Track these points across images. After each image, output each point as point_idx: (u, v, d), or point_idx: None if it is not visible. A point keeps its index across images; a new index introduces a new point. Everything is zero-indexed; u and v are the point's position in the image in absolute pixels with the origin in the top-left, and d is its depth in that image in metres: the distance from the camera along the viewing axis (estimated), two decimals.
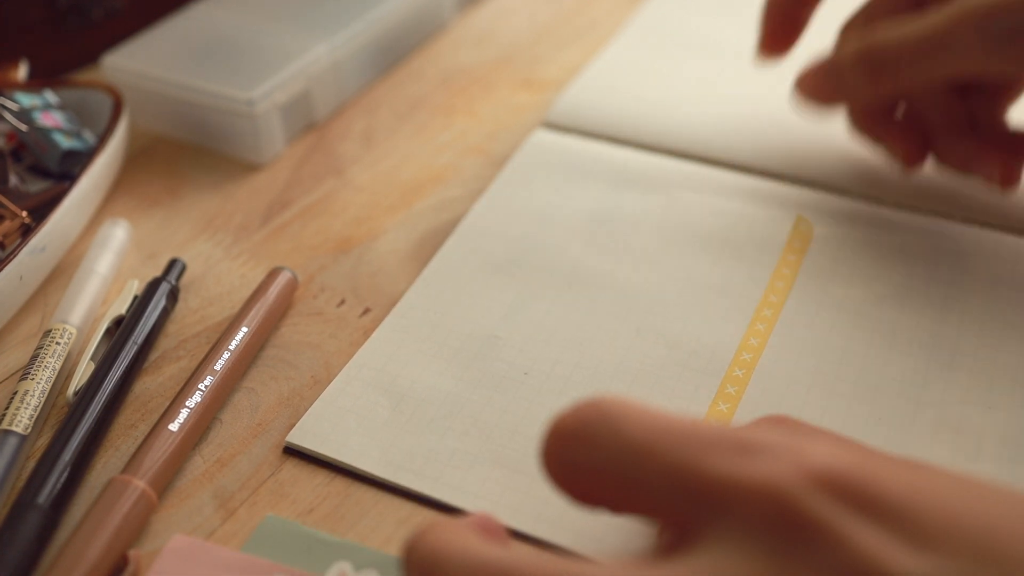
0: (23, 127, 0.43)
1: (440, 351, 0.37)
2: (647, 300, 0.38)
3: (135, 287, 0.39)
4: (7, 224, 0.40)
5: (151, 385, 0.37)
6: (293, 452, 0.34)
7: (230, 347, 0.36)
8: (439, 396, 0.35)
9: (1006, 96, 0.40)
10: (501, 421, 0.34)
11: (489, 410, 0.34)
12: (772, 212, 0.42)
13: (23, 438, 0.33)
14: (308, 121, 0.50)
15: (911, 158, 0.40)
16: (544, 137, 0.47)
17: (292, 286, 0.39)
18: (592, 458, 0.22)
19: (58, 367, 0.36)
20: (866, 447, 0.23)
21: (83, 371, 0.36)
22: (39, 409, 0.34)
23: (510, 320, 0.38)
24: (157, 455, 0.32)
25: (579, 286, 0.39)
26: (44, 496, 0.31)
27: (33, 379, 0.35)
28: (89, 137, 0.45)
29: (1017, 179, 0.39)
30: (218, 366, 0.35)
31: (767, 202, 0.43)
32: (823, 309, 0.37)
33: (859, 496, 0.19)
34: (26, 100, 0.45)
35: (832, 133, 0.46)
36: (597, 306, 0.38)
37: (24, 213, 0.40)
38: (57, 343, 0.36)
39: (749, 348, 0.36)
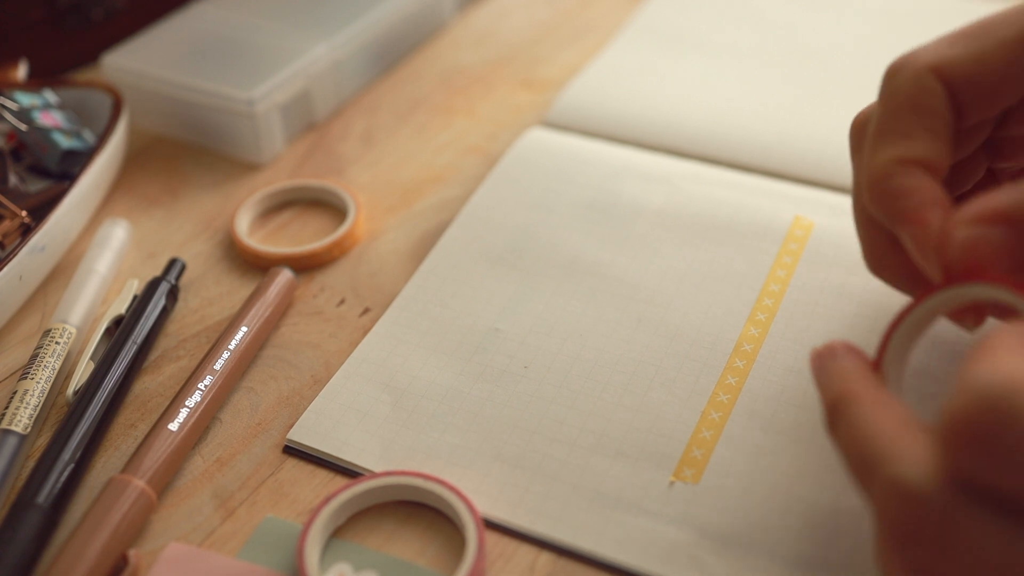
0: (23, 127, 0.43)
1: (441, 344, 0.37)
2: (648, 290, 0.38)
3: (135, 287, 0.39)
4: (7, 224, 0.40)
5: (151, 385, 0.37)
6: (293, 451, 0.34)
7: (230, 347, 0.36)
8: (440, 391, 0.35)
9: None
10: (501, 416, 0.34)
11: (490, 405, 0.34)
12: (773, 203, 0.42)
13: (23, 438, 0.33)
14: (308, 121, 0.50)
15: None
16: (541, 134, 0.47)
17: (292, 286, 0.39)
18: None
19: (58, 367, 0.36)
20: None
21: (83, 371, 0.35)
22: (39, 409, 0.34)
23: (510, 312, 0.38)
24: (157, 455, 0.32)
25: (580, 276, 0.39)
26: (44, 496, 0.31)
27: (33, 379, 0.35)
28: (89, 137, 0.45)
29: None
30: (218, 366, 0.35)
31: (768, 195, 0.43)
32: (824, 297, 0.37)
33: None
34: (26, 100, 0.45)
35: (831, 133, 0.46)
36: (598, 296, 0.38)
37: (24, 213, 0.40)
38: (57, 343, 0.36)
39: (750, 338, 0.36)
